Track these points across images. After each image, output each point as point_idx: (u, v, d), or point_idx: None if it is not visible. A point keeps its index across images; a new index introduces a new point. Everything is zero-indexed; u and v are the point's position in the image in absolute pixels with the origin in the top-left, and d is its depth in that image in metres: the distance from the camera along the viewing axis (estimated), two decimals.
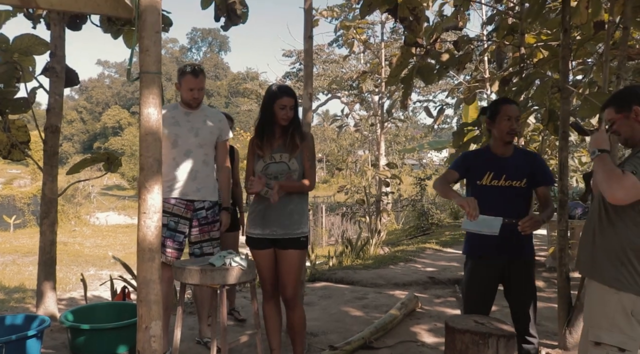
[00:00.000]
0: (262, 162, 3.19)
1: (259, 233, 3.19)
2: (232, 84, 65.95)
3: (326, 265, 8.45)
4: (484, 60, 9.97)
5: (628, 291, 2.13)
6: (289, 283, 3.18)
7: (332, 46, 21.14)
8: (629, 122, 2.29)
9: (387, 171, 12.05)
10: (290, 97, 3.15)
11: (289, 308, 3.25)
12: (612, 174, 2.10)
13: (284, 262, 3.17)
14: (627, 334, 2.11)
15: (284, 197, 3.13)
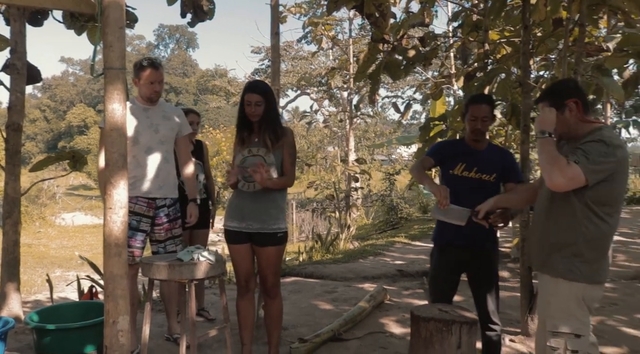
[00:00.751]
0: (241, 155, 3.23)
1: (236, 226, 3.22)
2: (201, 81, 65.24)
3: (296, 261, 8.49)
4: (450, 56, 10.11)
5: (579, 281, 2.20)
6: (268, 275, 3.25)
7: (301, 43, 21.13)
8: (563, 118, 2.32)
9: (356, 167, 12.14)
10: (255, 94, 3.16)
11: (270, 297, 3.31)
12: (556, 160, 2.14)
13: (262, 258, 3.23)
14: (581, 321, 2.20)
15: (262, 192, 3.16)
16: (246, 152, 3.21)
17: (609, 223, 2.24)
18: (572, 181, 2.12)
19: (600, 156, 2.15)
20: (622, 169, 2.23)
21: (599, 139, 2.18)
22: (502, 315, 4.67)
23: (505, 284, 5.93)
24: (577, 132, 2.32)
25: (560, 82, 2.76)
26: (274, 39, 4.25)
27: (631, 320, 4.68)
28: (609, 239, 2.28)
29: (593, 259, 2.23)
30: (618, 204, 2.26)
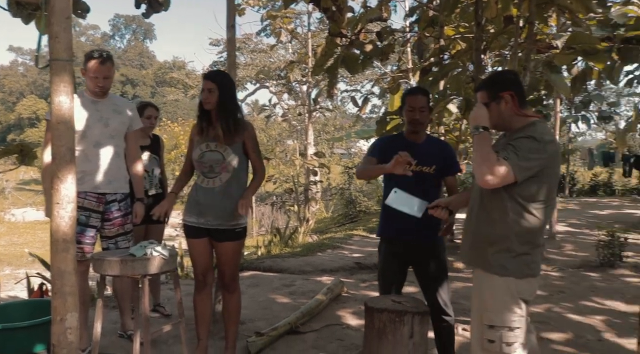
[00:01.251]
0: (199, 150, 3.17)
1: (194, 222, 3.19)
2: (159, 73, 63.85)
3: (255, 255, 8.47)
4: (407, 51, 10.23)
5: (512, 275, 2.23)
6: (227, 270, 3.24)
7: (260, 35, 20.94)
8: (497, 109, 2.31)
9: (315, 161, 12.17)
10: (209, 81, 3.11)
11: (228, 291, 3.29)
12: (487, 157, 2.14)
13: (221, 253, 3.22)
14: (516, 313, 2.23)
15: (221, 188, 3.13)
16: (204, 146, 3.16)
17: (539, 217, 2.24)
18: (501, 178, 2.11)
19: (530, 153, 2.15)
20: (553, 164, 2.23)
21: (530, 135, 2.19)
22: (457, 305, 4.80)
23: (460, 274, 6.08)
24: (511, 125, 2.33)
25: (498, 73, 2.75)
26: (229, 32, 4.20)
27: (576, 307, 4.88)
28: (540, 232, 2.29)
29: (525, 254, 2.24)
30: (549, 199, 2.25)
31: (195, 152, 3.19)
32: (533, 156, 2.15)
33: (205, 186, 3.15)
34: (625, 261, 6.72)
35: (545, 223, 2.30)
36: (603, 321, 4.51)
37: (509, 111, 2.31)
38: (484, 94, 2.37)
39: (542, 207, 2.24)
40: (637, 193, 19.29)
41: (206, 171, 3.14)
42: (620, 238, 6.67)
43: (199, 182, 3.17)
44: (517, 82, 2.40)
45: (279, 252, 8.29)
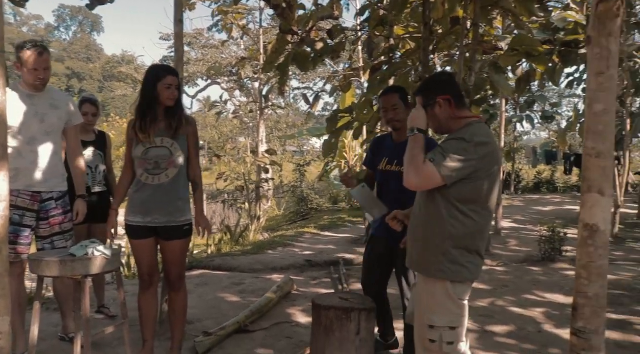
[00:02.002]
0: (142, 146, 3.07)
1: (140, 221, 3.10)
2: (107, 68, 61.93)
3: (205, 253, 8.35)
4: (358, 49, 10.31)
5: (448, 279, 2.23)
6: (173, 268, 3.19)
7: (211, 31, 20.66)
8: (433, 114, 2.31)
9: (266, 158, 12.11)
10: (175, 76, 3.09)
11: (174, 290, 3.23)
12: (414, 159, 2.15)
13: (168, 252, 3.15)
14: (455, 313, 2.26)
15: (167, 185, 3.07)
16: (148, 143, 3.07)
17: (475, 220, 2.22)
18: (426, 180, 2.12)
19: (458, 154, 2.13)
20: (487, 166, 2.20)
21: (460, 137, 2.18)
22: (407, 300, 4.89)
23: None
24: (449, 128, 2.34)
25: (433, 76, 2.72)
26: (177, 27, 4.12)
27: (519, 300, 5.05)
28: (479, 236, 2.26)
29: (460, 257, 2.23)
30: (485, 201, 2.23)
31: (137, 149, 3.08)
32: (461, 158, 2.12)
33: (151, 183, 3.07)
34: (564, 255, 7.00)
35: (484, 227, 2.28)
36: (543, 313, 4.68)
37: (445, 115, 2.31)
38: (420, 98, 2.38)
39: (478, 209, 2.22)
40: (577, 190, 20.16)
41: (150, 167, 3.06)
42: (561, 233, 6.95)
43: (143, 180, 3.07)
44: (452, 84, 2.39)
45: (230, 251, 8.20)
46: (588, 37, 2.06)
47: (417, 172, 2.12)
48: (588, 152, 2.05)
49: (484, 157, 2.18)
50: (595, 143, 2.02)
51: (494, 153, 2.25)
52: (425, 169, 2.11)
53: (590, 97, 2.05)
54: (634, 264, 6.92)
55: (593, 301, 2.05)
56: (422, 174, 2.11)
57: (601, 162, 2.02)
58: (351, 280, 5.73)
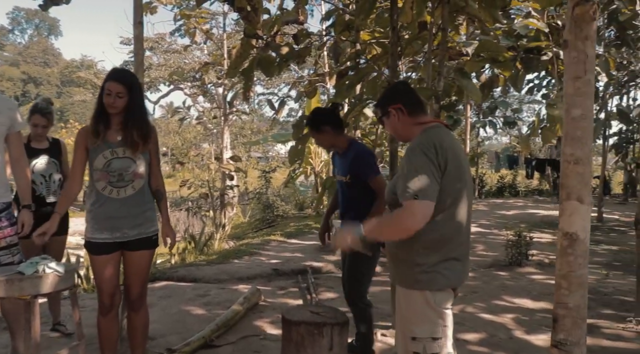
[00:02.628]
0: (102, 157, 2.87)
1: (107, 238, 2.89)
2: (65, 72, 60.29)
3: (169, 263, 8.10)
4: (323, 55, 10.25)
5: (425, 289, 2.16)
6: (136, 284, 3.00)
7: (174, 36, 20.27)
8: (389, 123, 2.34)
9: (231, 165, 11.90)
10: (118, 83, 2.85)
11: (134, 309, 3.04)
12: (391, 219, 2.13)
13: (133, 264, 2.97)
14: (437, 323, 2.18)
15: (133, 196, 2.91)
16: (109, 153, 2.88)
17: (444, 227, 2.15)
18: (425, 217, 2.04)
19: (424, 169, 2.06)
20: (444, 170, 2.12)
21: (407, 153, 2.15)
22: (374, 309, 4.81)
23: (376, 279, 6.08)
24: (408, 135, 2.32)
25: (388, 87, 2.80)
26: (137, 29, 3.94)
27: (489, 306, 5.03)
28: (452, 242, 2.19)
29: (435, 265, 2.16)
30: (453, 205, 2.16)
31: (97, 161, 2.88)
32: (427, 169, 2.06)
33: (116, 197, 2.88)
34: (530, 259, 7.06)
35: (457, 232, 2.21)
36: (513, 319, 4.67)
37: (400, 123, 2.31)
38: (377, 110, 2.41)
39: (446, 215, 2.15)
40: (538, 193, 20.59)
41: (114, 180, 2.87)
42: (527, 238, 7.00)
43: (107, 194, 2.87)
44: (404, 92, 2.38)
45: (194, 261, 7.98)
46: (564, 41, 2.00)
47: (403, 222, 2.06)
48: (566, 159, 1.99)
49: (441, 162, 2.12)
50: (574, 149, 1.97)
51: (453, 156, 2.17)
52: (419, 209, 2.03)
53: (567, 102, 2.00)
54: (596, 267, 7.01)
55: (574, 311, 1.98)
56: (417, 217, 2.03)
57: (579, 169, 1.97)
58: (320, 289, 5.61)
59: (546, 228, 10.92)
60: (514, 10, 8.98)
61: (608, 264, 7.02)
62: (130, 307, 3.05)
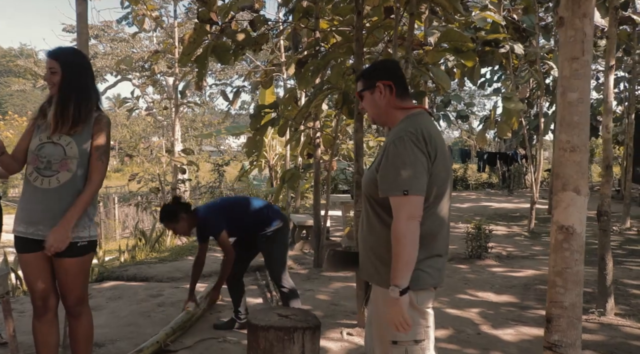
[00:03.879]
0: (37, 139, 2.54)
1: (22, 231, 2.53)
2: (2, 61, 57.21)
3: (118, 261, 7.68)
4: (280, 44, 9.98)
5: (410, 288, 1.92)
6: (69, 292, 2.60)
7: (121, 24, 19.44)
8: (371, 98, 2.09)
9: (183, 158, 11.47)
10: (50, 58, 2.54)
11: (72, 316, 2.66)
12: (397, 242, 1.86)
13: (59, 272, 2.57)
14: (420, 325, 1.99)
15: (60, 189, 2.52)
16: (44, 136, 2.54)
17: (426, 222, 1.94)
18: (418, 211, 1.87)
19: (410, 160, 1.87)
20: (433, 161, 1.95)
21: (393, 141, 1.92)
22: (338, 307, 4.66)
23: (338, 274, 5.92)
24: (389, 119, 2.11)
25: (378, 61, 2.51)
26: (80, 6, 3.58)
27: (453, 301, 4.93)
28: (433, 239, 1.99)
29: (417, 263, 1.92)
30: (435, 200, 1.97)
31: (32, 142, 2.56)
32: (415, 161, 1.87)
33: (39, 186, 2.51)
34: (490, 252, 7.05)
35: (440, 226, 2.01)
36: (479, 313, 4.58)
37: (384, 102, 2.07)
38: (360, 83, 2.15)
39: (431, 208, 1.96)
40: (488, 186, 21.02)
41: (42, 167, 2.51)
42: (486, 230, 6.99)
43: (32, 181, 2.52)
44: (395, 71, 2.16)
45: (145, 258, 7.58)
46: (560, 19, 1.85)
47: (407, 223, 1.85)
48: (562, 146, 1.83)
49: (430, 151, 1.92)
50: (570, 136, 1.81)
51: (439, 146, 1.98)
52: (411, 205, 1.85)
53: (563, 85, 1.84)
54: None
55: (569, 311, 1.83)
56: (411, 213, 1.85)
57: (576, 157, 1.81)
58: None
59: (500, 220, 11.07)
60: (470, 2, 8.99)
61: None
62: (68, 313, 2.69)
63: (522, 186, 20.16)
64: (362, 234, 2.14)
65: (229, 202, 4.34)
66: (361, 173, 4.13)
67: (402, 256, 1.87)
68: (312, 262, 6.52)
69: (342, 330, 4.01)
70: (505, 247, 7.84)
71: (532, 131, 16.32)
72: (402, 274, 1.88)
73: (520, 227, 10.25)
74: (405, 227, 1.86)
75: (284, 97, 7.00)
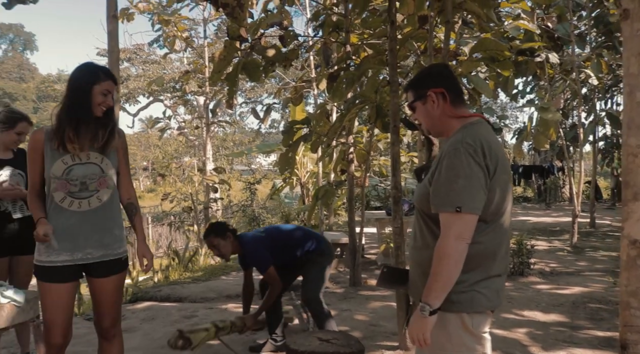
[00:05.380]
0: (61, 163, 2.43)
1: (66, 260, 2.41)
2: (41, 87, 59.08)
3: (151, 281, 7.63)
4: (310, 60, 9.94)
5: (462, 311, 1.81)
6: (108, 313, 2.55)
7: (152, 46, 19.78)
8: (424, 110, 1.95)
9: (215, 176, 11.46)
10: (114, 83, 2.53)
11: (107, 339, 2.59)
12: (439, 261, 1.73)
13: (103, 291, 2.52)
14: (475, 350, 1.83)
15: (101, 209, 2.48)
16: (69, 158, 2.44)
17: (485, 240, 1.80)
18: (465, 231, 1.72)
19: (465, 174, 1.72)
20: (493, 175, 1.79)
21: (448, 153, 1.77)
22: (377, 327, 4.46)
23: (376, 293, 5.73)
24: (444, 129, 1.95)
25: (427, 67, 2.32)
26: (110, 24, 3.56)
27: (498, 320, 4.69)
28: (492, 258, 1.83)
29: (472, 284, 1.81)
30: (496, 216, 1.81)
31: (55, 167, 2.43)
32: (471, 174, 1.72)
33: (77, 210, 2.43)
34: (532, 268, 6.76)
35: (499, 245, 1.84)
36: (526, 334, 4.33)
37: (438, 112, 1.91)
38: (409, 93, 1.99)
39: (490, 226, 1.81)
40: (523, 200, 20.48)
41: (76, 189, 2.43)
42: (527, 246, 6.70)
43: (66, 206, 2.42)
44: (447, 76, 1.98)
45: (178, 278, 7.51)
46: (625, 11, 1.68)
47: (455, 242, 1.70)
48: (630, 151, 1.66)
49: (490, 165, 1.76)
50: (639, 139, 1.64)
51: (499, 159, 1.81)
52: (461, 224, 1.71)
53: (630, 84, 1.67)
54: (600, 274, 6.75)
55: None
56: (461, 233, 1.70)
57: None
58: None
59: (540, 235, 10.68)
60: (503, 11, 8.78)
61: (612, 271, 6.73)
62: (102, 336, 2.61)
63: (559, 199, 19.56)
64: (413, 251, 1.98)
65: (274, 233, 4.11)
66: (398, 188, 3.97)
67: (441, 276, 1.73)
68: (348, 281, 6.34)
69: (382, 352, 3.82)
70: (548, 263, 7.51)
71: (569, 142, 15.86)
72: (437, 294, 1.74)
73: (561, 241, 9.86)
74: (452, 247, 1.71)
75: (316, 113, 6.90)
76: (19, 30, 73.19)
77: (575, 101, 13.50)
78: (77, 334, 3.80)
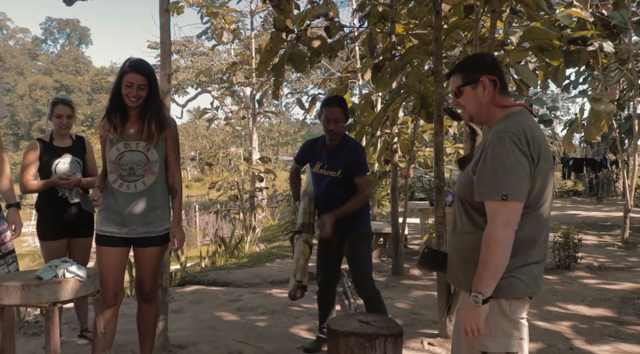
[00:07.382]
0: (115, 150, 2.76)
1: (115, 232, 2.79)
2: (95, 80, 61.17)
3: (199, 266, 7.90)
4: (355, 50, 9.96)
5: (500, 297, 1.83)
6: (148, 278, 2.91)
7: (201, 38, 20.23)
8: (474, 95, 1.95)
9: (260, 166, 11.67)
10: (139, 74, 2.70)
11: (147, 301, 2.97)
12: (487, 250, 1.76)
13: (144, 260, 2.88)
14: (513, 336, 1.86)
15: (145, 191, 2.77)
16: (122, 146, 2.77)
17: (526, 227, 1.81)
18: (515, 218, 1.76)
19: (511, 162, 1.75)
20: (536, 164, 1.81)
21: (492, 142, 1.80)
22: (418, 316, 4.51)
23: (417, 282, 5.76)
24: (489, 117, 1.96)
25: (476, 54, 2.30)
26: (163, 17, 3.70)
27: (542, 313, 4.66)
28: (533, 244, 1.85)
29: (511, 270, 1.82)
30: (536, 204, 1.83)
31: (111, 153, 2.77)
32: (515, 163, 1.75)
33: (126, 191, 2.76)
34: (579, 262, 6.62)
35: (539, 233, 1.86)
36: (570, 327, 4.28)
37: (487, 99, 1.93)
38: (457, 77, 1.99)
39: (531, 213, 1.83)
40: (573, 194, 19.90)
41: (125, 173, 2.76)
42: (575, 239, 6.57)
43: (117, 187, 2.77)
44: (498, 66, 2.00)
45: (224, 264, 7.75)
46: None
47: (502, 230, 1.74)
48: None
49: (533, 154, 1.79)
50: None
51: (542, 148, 1.84)
52: (507, 210, 1.74)
53: None
54: None
55: None
56: (508, 220, 1.74)
57: None
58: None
59: (589, 230, 10.40)
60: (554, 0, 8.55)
61: None
62: (142, 298, 2.97)
63: (612, 193, 18.91)
64: (452, 237, 2.03)
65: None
66: (441, 177, 3.99)
67: (491, 264, 1.76)
68: (390, 270, 6.39)
69: (422, 340, 3.86)
70: (597, 258, 7.34)
71: (624, 135, 15.27)
72: (488, 282, 1.78)
73: (612, 237, 9.58)
74: (500, 235, 1.75)
75: (360, 103, 6.95)
76: (75, 25, 75.92)
77: (631, 91, 12.99)
78: (131, 314, 4.00)
